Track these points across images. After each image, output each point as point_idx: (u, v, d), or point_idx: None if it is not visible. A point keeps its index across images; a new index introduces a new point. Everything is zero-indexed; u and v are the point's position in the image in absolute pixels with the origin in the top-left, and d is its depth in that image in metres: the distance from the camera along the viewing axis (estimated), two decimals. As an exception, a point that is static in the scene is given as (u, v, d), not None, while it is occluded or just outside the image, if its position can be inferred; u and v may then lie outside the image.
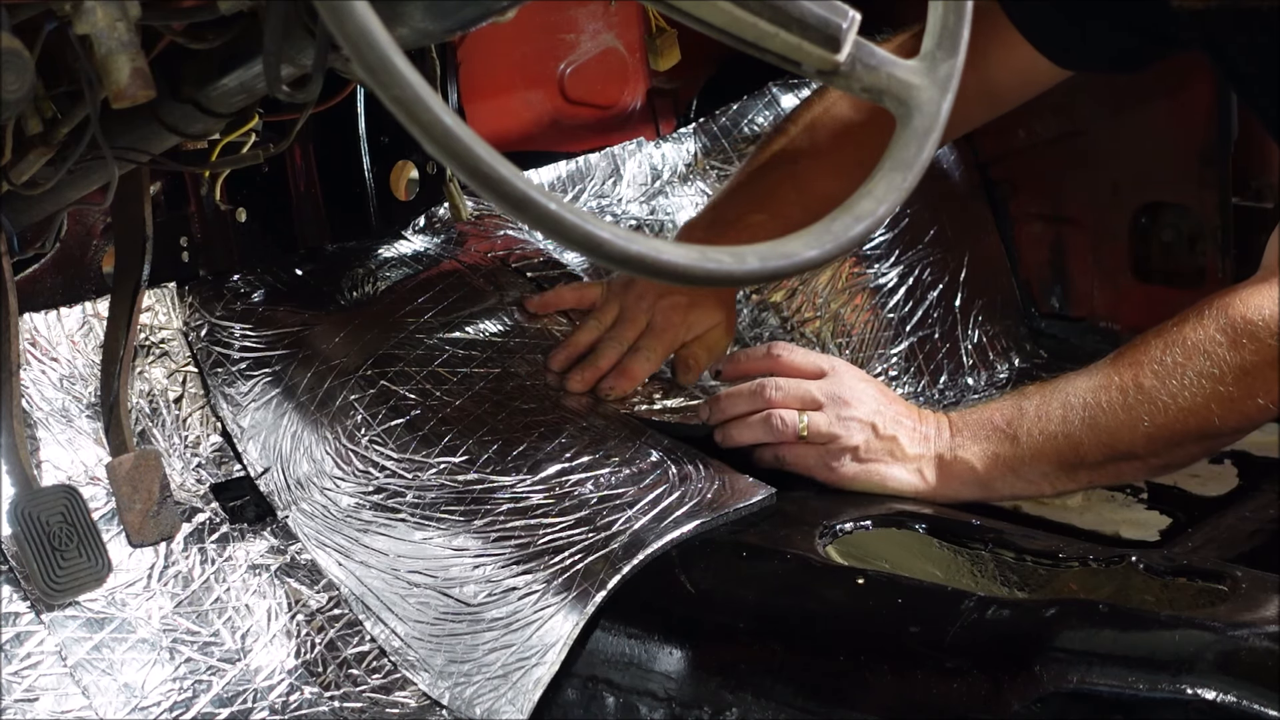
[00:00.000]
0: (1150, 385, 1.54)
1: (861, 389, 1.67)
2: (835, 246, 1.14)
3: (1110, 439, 1.57)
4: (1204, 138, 2.21)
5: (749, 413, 1.68)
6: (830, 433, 1.64)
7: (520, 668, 1.50)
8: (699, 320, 1.86)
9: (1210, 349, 1.52)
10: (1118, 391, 1.56)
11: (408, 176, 2.07)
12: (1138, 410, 1.55)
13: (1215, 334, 1.53)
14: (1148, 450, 1.57)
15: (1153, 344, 1.56)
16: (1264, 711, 1.15)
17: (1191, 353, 1.53)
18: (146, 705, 1.53)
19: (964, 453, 1.62)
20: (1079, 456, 1.58)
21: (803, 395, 1.67)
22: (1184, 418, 1.54)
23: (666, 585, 1.50)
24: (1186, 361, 1.53)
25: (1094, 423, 1.57)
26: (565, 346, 1.84)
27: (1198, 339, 1.53)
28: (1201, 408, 1.53)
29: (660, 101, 2.33)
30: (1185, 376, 1.53)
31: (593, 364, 1.81)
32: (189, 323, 1.84)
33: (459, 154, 0.99)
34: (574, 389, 1.79)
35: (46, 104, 1.30)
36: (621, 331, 1.83)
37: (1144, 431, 1.55)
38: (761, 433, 1.67)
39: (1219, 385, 1.52)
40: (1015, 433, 1.60)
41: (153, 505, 1.62)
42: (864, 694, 1.35)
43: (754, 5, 1.13)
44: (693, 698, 1.43)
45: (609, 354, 1.82)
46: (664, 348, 1.83)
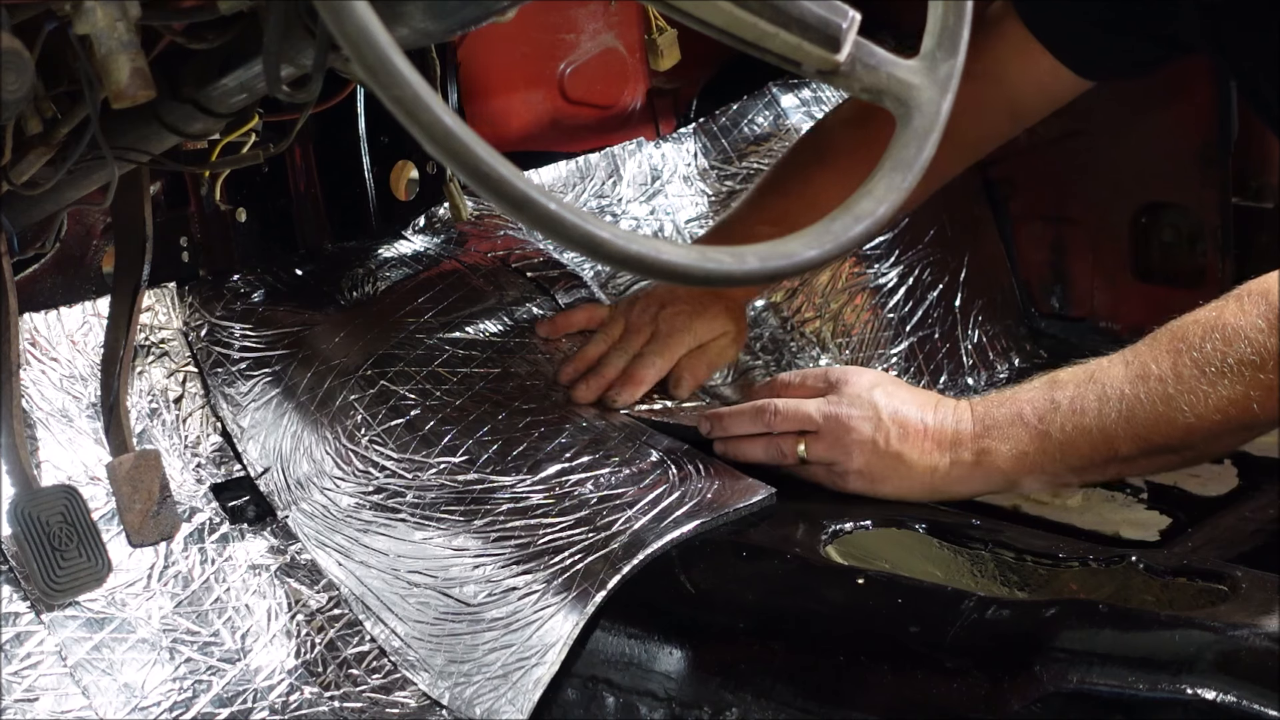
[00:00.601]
0: (1190, 375, 1.48)
1: (866, 401, 1.61)
2: (835, 246, 1.14)
3: (1147, 432, 1.51)
4: (1204, 138, 2.21)
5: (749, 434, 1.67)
6: (830, 457, 1.62)
7: (520, 668, 1.50)
8: (705, 328, 1.85)
9: (1251, 335, 1.47)
10: (1156, 382, 1.50)
11: (408, 176, 2.07)
12: (1177, 401, 1.49)
13: (1256, 319, 1.47)
14: (1184, 443, 1.52)
15: (1191, 330, 1.50)
16: (1264, 711, 1.15)
17: (1232, 340, 1.47)
18: (146, 705, 1.53)
19: (991, 456, 1.57)
20: (1113, 450, 1.53)
21: (802, 419, 1.63)
22: (1224, 408, 1.48)
23: (666, 585, 1.50)
24: (1227, 349, 1.47)
25: (1131, 416, 1.51)
26: (573, 360, 1.84)
27: (1239, 325, 1.48)
28: (1241, 396, 1.47)
29: (660, 101, 2.33)
30: (1225, 364, 1.47)
31: (599, 373, 1.81)
32: (189, 323, 1.84)
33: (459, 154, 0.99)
34: (580, 399, 1.79)
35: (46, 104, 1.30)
36: (628, 341, 1.84)
37: (1182, 424, 1.49)
38: (762, 456, 1.66)
39: (1259, 373, 1.46)
40: (1047, 429, 1.54)
41: (153, 505, 1.62)
42: (864, 694, 1.35)
43: (754, 5, 1.13)
44: (693, 698, 1.43)
45: (615, 363, 1.82)
46: (670, 354, 1.83)
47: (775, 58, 1.17)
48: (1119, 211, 2.31)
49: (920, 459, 1.59)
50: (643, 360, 1.81)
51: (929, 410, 1.61)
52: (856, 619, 1.41)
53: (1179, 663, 1.19)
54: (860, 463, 1.60)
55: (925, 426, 1.60)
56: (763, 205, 1.95)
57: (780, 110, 2.33)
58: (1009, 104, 1.96)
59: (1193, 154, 2.22)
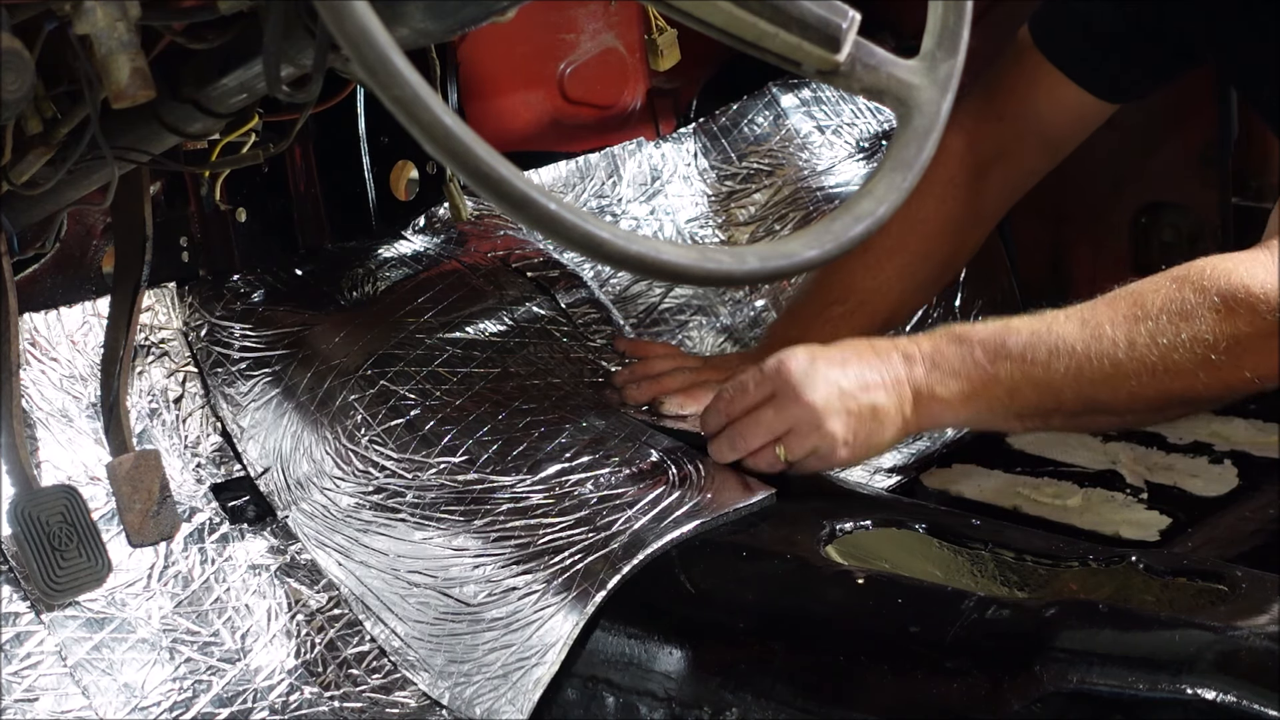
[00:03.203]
0: (1143, 344, 1.52)
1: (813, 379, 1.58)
2: (835, 246, 1.14)
3: (1093, 391, 1.54)
4: (1204, 138, 2.21)
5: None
6: (810, 446, 1.60)
7: (520, 668, 1.50)
8: None
9: (1206, 313, 1.50)
10: (1109, 344, 1.53)
11: (408, 176, 2.07)
12: (1126, 368, 1.52)
13: (1214, 298, 1.51)
14: (1127, 407, 1.56)
15: (1149, 299, 1.54)
16: (1264, 711, 1.15)
17: (1189, 316, 1.51)
18: (146, 705, 1.53)
19: (941, 389, 1.58)
20: (1057, 403, 1.56)
21: (765, 433, 1.61)
22: (1170, 380, 1.52)
23: (666, 585, 1.50)
24: (1182, 324, 1.51)
25: (1079, 374, 1.54)
26: (634, 368, 1.84)
27: (1196, 303, 1.51)
28: (1189, 373, 1.51)
29: (660, 101, 2.33)
30: (1178, 338, 1.51)
31: (659, 381, 1.81)
32: (189, 323, 1.84)
33: (459, 154, 0.99)
34: (631, 398, 1.79)
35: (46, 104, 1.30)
36: (698, 370, 1.85)
37: (1127, 390, 1.53)
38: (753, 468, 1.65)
39: (1210, 353, 1.50)
40: (997, 372, 1.56)
41: (153, 505, 1.62)
42: (864, 694, 1.35)
43: (754, 5, 1.13)
44: (693, 698, 1.43)
45: (679, 378, 1.81)
46: None
47: (775, 58, 1.17)
48: (1119, 211, 2.31)
49: (889, 402, 1.58)
50: (704, 386, 1.79)
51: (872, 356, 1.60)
52: (856, 619, 1.41)
53: (1179, 663, 1.19)
54: (842, 433, 1.58)
55: (878, 370, 1.59)
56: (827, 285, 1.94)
57: (780, 110, 2.33)
58: (1042, 139, 1.98)
59: (1193, 154, 2.22)
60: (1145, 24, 1.87)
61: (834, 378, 1.58)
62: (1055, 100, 1.94)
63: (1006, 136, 1.98)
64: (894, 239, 1.90)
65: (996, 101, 1.98)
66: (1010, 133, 1.97)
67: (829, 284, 1.94)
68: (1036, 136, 1.97)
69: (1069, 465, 1.89)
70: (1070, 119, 1.97)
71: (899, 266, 1.92)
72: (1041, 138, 1.98)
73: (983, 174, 1.98)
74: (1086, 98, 1.94)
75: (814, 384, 1.58)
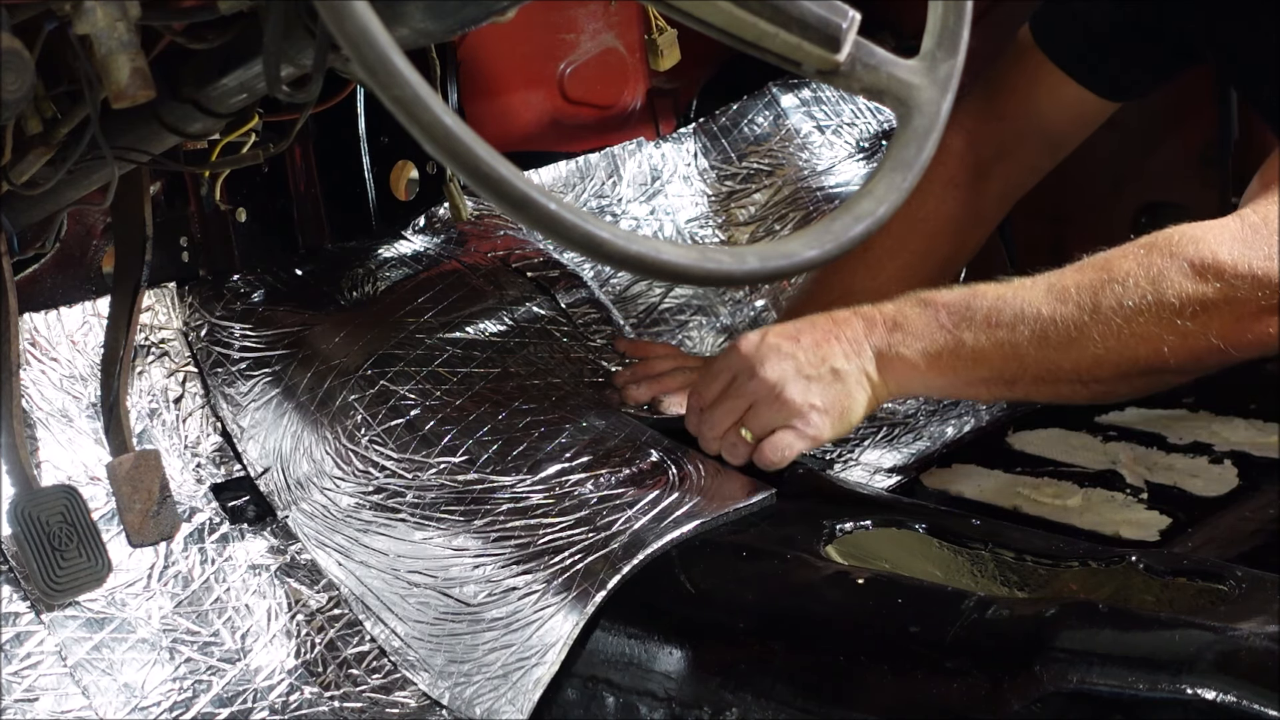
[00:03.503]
0: (1108, 306, 1.50)
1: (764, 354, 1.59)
2: (835, 246, 1.14)
3: (1057, 357, 1.53)
4: (1204, 138, 2.21)
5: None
6: (774, 418, 1.59)
7: (520, 668, 1.50)
8: None
9: (1174, 278, 1.49)
10: (1074, 308, 1.52)
11: (408, 176, 2.07)
12: (1089, 331, 1.51)
13: (1183, 264, 1.49)
14: (1091, 374, 1.54)
15: (1117, 266, 1.53)
16: (1264, 711, 1.15)
17: (1156, 280, 1.49)
18: (146, 705, 1.53)
19: (905, 349, 1.57)
20: (1022, 369, 1.55)
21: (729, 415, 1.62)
22: (1135, 346, 1.50)
23: (666, 585, 1.50)
24: (1149, 287, 1.50)
25: (1044, 337, 1.53)
26: (635, 368, 1.85)
27: (1164, 267, 1.50)
28: (1154, 339, 1.50)
29: (660, 101, 2.33)
30: (1144, 302, 1.49)
31: (660, 381, 1.81)
32: (189, 323, 1.84)
33: (459, 154, 0.99)
34: (631, 399, 1.80)
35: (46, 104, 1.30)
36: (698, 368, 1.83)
37: (1091, 355, 1.52)
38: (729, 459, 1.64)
39: (1176, 318, 1.49)
40: (960, 335, 1.56)
41: (153, 505, 1.62)
42: (864, 694, 1.35)
43: (754, 5, 1.13)
44: (693, 698, 1.43)
45: (679, 378, 1.82)
46: None
47: (775, 58, 1.17)
48: (1119, 211, 2.31)
49: (849, 364, 1.58)
50: None
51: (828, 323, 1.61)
52: (856, 619, 1.41)
53: (1179, 663, 1.19)
54: (805, 399, 1.57)
55: (834, 336, 1.59)
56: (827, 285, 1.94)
57: (780, 110, 2.33)
58: (1043, 137, 1.97)
59: (1193, 154, 2.22)
60: (1145, 23, 1.87)
61: (787, 349, 1.59)
62: (1056, 99, 1.94)
63: (1007, 136, 1.98)
64: (894, 239, 1.89)
65: (997, 101, 1.98)
66: (1011, 132, 1.97)
67: (828, 285, 1.94)
68: (1037, 135, 1.97)
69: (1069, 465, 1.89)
70: (1071, 118, 1.96)
71: (899, 267, 1.92)
72: (1042, 137, 1.98)
73: (983, 174, 1.98)
74: (1087, 96, 1.94)
75: (766, 357, 1.59)
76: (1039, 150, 1.99)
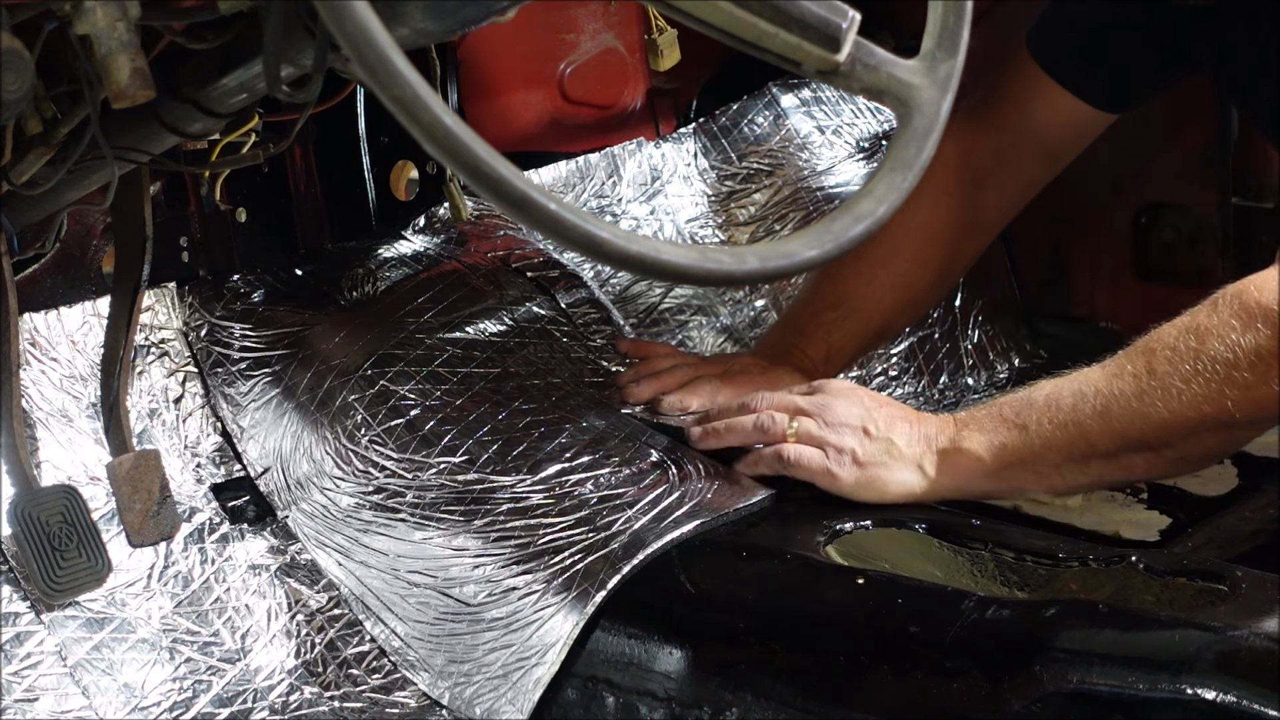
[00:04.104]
0: (1163, 371, 1.50)
1: (849, 397, 1.64)
2: (835, 246, 1.14)
3: (1123, 427, 1.52)
4: (1204, 138, 2.21)
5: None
6: (820, 436, 1.61)
7: (520, 668, 1.50)
8: (776, 381, 1.82)
9: (1224, 333, 1.48)
10: (1130, 378, 1.52)
11: (408, 176, 2.07)
12: (1150, 396, 1.50)
13: (1230, 319, 1.49)
14: (1160, 440, 1.53)
15: (1166, 332, 1.53)
16: (1264, 711, 1.15)
17: (1205, 337, 1.49)
18: (146, 705, 1.53)
19: (969, 444, 1.59)
20: (1090, 446, 1.54)
21: (788, 404, 1.65)
22: (1198, 404, 1.49)
23: (666, 585, 1.50)
24: (1200, 346, 1.49)
25: (1106, 411, 1.53)
26: (638, 366, 1.86)
27: (1212, 324, 1.49)
28: (1216, 394, 1.48)
29: (660, 101, 2.33)
30: (1199, 361, 1.48)
31: (659, 378, 1.82)
32: (189, 323, 1.84)
33: (459, 154, 0.99)
34: (632, 397, 1.80)
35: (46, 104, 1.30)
36: (698, 365, 1.86)
37: (1157, 420, 1.51)
38: (751, 433, 1.66)
39: (1233, 370, 1.47)
40: (1024, 422, 1.57)
41: (153, 505, 1.62)
42: (864, 694, 1.35)
43: (754, 5, 1.13)
44: (693, 698, 1.43)
45: (678, 374, 1.82)
46: (730, 389, 1.81)
47: (775, 58, 1.17)
48: (1119, 211, 2.31)
49: (909, 448, 1.61)
50: (703, 380, 1.81)
51: (910, 412, 1.65)
52: (856, 619, 1.41)
53: (1179, 663, 1.19)
54: (852, 443, 1.60)
55: (909, 421, 1.63)
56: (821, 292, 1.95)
57: (780, 110, 2.33)
58: (1039, 148, 1.97)
59: (1193, 154, 2.22)
60: (1141, 35, 1.87)
61: (868, 404, 1.64)
62: (1052, 111, 1.94)
63: (1003, 146, 1.97)
64: (887, 247, 1.89)
65: (993, 111, 1.98)
66: (1007, 143, 1.97)
67: (822, 290, 1.94)
68: (1034, 147, 1.97)
69: (1069, 465, 1.89)
70: (1067, 129, 1.96)
71: (893, 274, 1.92)
72: (1039, 148, 1.97)
73: (979, 183, 1.98)
74: (1083, 108, 1.93)
75: (848, 397, 1.64)
76: (1035, 161, 1.99)
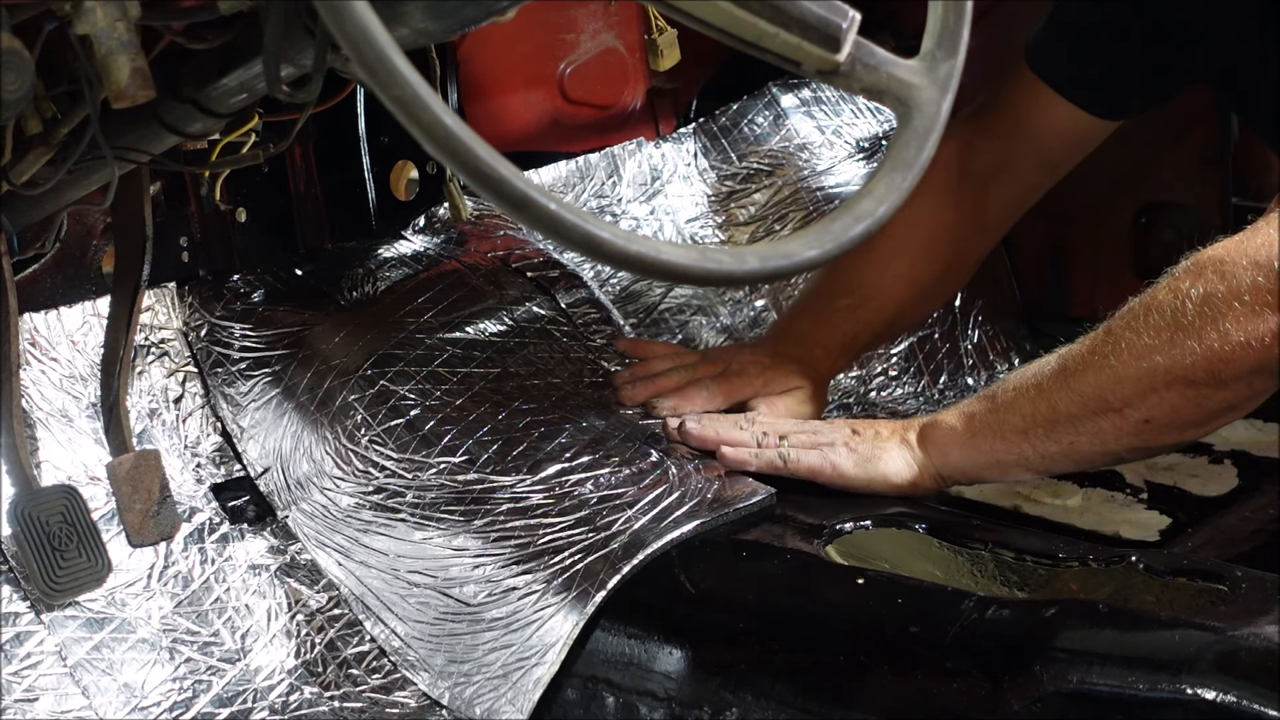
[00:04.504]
0: (1116, 329, 1.53)
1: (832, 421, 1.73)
2: (835, 246, 1.14)
3: (1079, 384, 1.55)
4: (1204, 138, 2.21)
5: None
6: (813, 442, 1.67)
7: (520, 668, 1.50)
8: (777, 380, 1.83)
9: (1174, 286, 1.50)
10: (1088, 340, 1.56)
11: (408, 176, 2.07)
12: (1103, 351, 1.53)
13: (1181, 275, 1.50)
14: (1119, 399, 1.53)
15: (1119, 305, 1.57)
16: (1264, 711, 1.15)
17: (1156, 294, 1.51)
18: (146, 705, 1.53)
19: (944, 415, 1.66)
20: (1051, 408, 1.57)
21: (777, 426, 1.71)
22: (1149, 353, 1.50)
23: (666, 585, 1.50)
24: (1151, 302, 1.51)
25: (1063, 370, 1.56)
26: (635, 368, 1.86)
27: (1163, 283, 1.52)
28: (1165, 343, 1.49)
29: (660, 101, 2.33)
30: (1150, 315, 1.51)
31: (655, 380, 1.82)
32: (189, 323, 1.83)
33: (459, 154, 0.99)
34: (628, 399, 1.80)
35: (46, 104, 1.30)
36: (695, 368, 1.85)
37: (1110, 373, 1.52)
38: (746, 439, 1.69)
39: (1180, 316, 1.48)
40: (992, 393, 1.63)
41: (153, 505, 1.62)
42: (864, 694, 1.35)
43: (754, 5, 1.13)
44: (693, 698, 1.43)
45: (675, 377, 1.82)
46: (729, 391, 1.81)
47: (775, 58, 1.17)
48: (1119, 211, 2.31)
49: (892, 433, 1.67)
50: (699, 385, 1.81)
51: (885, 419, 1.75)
52: (856, 619, 1.41)
53: (1179, 663, 1.20)
54: (844, 438, 1.67)
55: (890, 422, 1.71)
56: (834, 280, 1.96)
57: (780, 110, 2.33)
58: (1038, 157, 1.97)
59: (1193, 154, 2.22)
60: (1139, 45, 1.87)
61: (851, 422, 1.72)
62: (1050, 119, 1.93)
63: (1003, 152, 1.97)
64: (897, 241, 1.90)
65: (993, 118, 1.97)
66: (1007, 149, 1.97)
67: (835, 279, 1.94)
68: (1034, 154, 1.97)
69: (1069, 465, 1.89)
70: (1065, 138, 1.96)
71: (902, 266, 1.93)
72: (1039, 156, 1.97)
73: (982, 187, 1.98)
74: (1082, 117, 1.93)
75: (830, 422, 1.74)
76: (1035, 168, 1.99)
